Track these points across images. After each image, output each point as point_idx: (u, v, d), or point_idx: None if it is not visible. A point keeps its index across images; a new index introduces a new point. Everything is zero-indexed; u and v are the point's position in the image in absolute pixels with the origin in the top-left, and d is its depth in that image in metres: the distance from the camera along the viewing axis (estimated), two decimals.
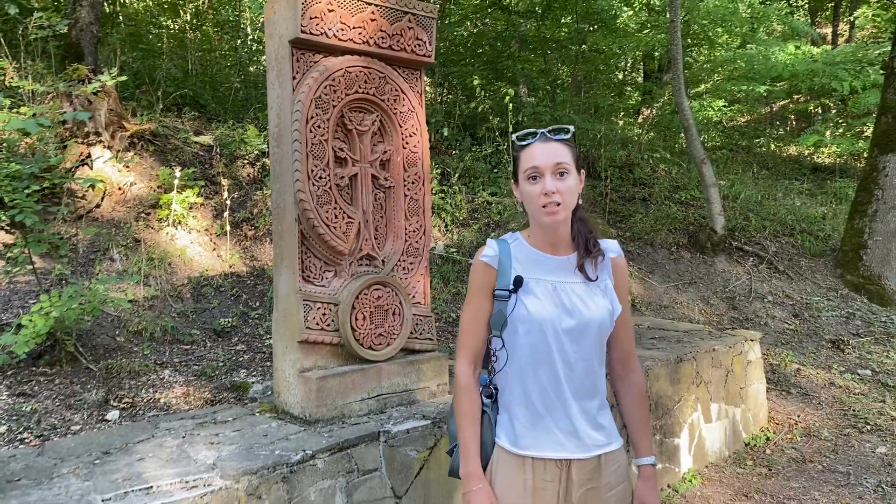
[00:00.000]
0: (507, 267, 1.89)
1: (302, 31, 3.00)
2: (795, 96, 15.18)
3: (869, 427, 4.95)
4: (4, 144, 4.75)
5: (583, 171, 1.89)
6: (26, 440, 3.31)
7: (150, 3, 10.37)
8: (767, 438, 4.91)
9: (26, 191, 4.29)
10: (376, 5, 3.22)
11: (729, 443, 4.76)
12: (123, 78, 5.27)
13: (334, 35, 3.11)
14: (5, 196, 3.96)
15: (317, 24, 3.05)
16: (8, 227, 4.80)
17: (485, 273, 1.92)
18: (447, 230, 6.85)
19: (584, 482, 1.85)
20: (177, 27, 10.52)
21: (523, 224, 1.87)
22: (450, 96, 10.22)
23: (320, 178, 3.11)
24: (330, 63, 3.13)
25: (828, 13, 18.53)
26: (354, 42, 3.18)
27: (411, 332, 3.40)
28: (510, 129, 7.78)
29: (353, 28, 3.17)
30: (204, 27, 10.66)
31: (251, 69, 9.73)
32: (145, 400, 3.86)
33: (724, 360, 4.76)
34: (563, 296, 1.85)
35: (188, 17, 10.76)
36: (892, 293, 7.24)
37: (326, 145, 3.13)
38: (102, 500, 2.29)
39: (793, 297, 7.16)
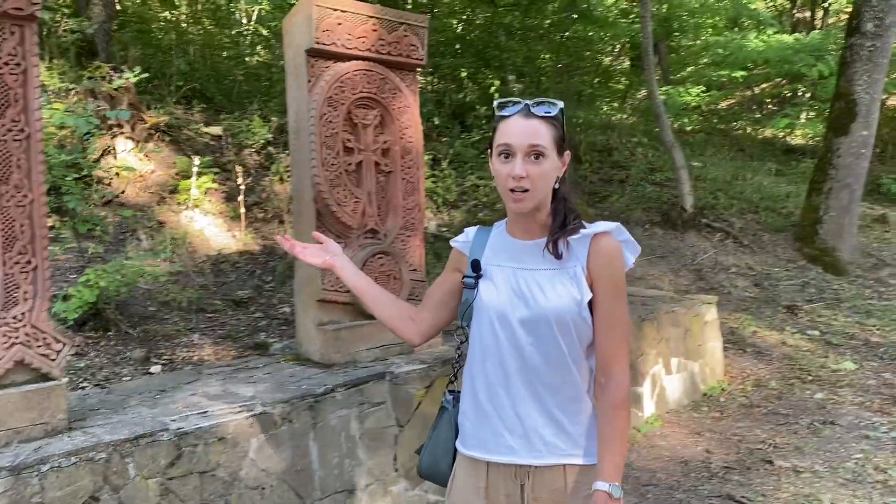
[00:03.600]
0: (479, 253, 1.80)
1: (316, 42, 3.60)
2: (777, 79, 15.86)
3: (811, 378, 5.64)
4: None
5: (568, 152, 1.71)
6: (86, 388, 3.94)
7: None
8: (723, 389, 5.59)
9: (67, 178, 4.90)
10: (377, 18, 3.82)
11: (688, 393, 5.42)
12: (146, 74, 5.85)
13: (342, 44, 3.71)
14: (59, 183, 4.55)
15: (328, 36, 3.65)
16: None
17: (455, 257, 1.92)
18: (439, 211, 7.47)
19: (547, 499, 1.65)
20: (174, 19, 11.04)
21: None
22: (440, 85, 10.80)
23: (332, 164, 3.72)
24: (339, 68, 3.74)
25: None
26: (359, 49, 3.78)
27: (409, 295, 4.03)
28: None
29: (358, 38, 3.77)
30: (201, 19, 11.18)
31: (250, 60, 10.27)
32: (181, 357, 4.49)
33: (683, 320, 5.42)
34: (522, 283, 1.69)
35: (184, 9, 11.26)
36: (845, 264, 7.95)
37: (337, 137, 3.74)
38: (171, 420, 2.92)
39: (755, 268, 7.85)
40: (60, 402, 2.77)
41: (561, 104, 1.68)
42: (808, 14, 18.92)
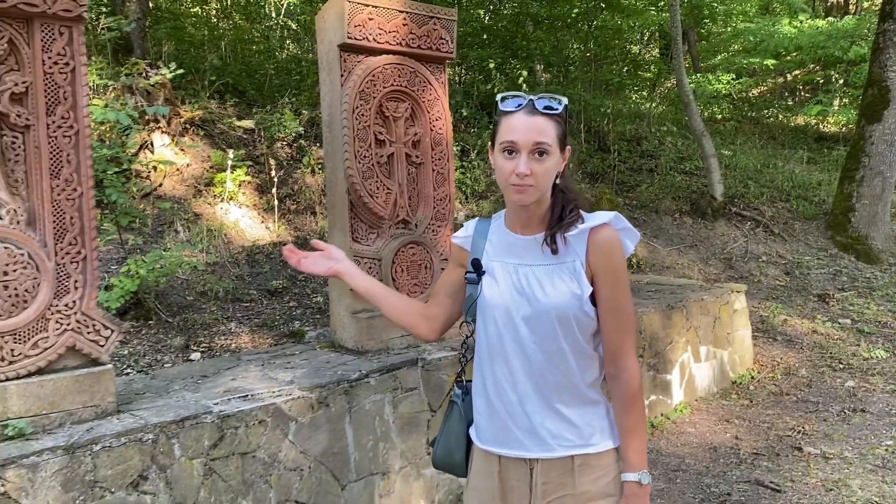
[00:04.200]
0: (480, 248, 1.80)
1: (348, 38, 3.69)
2: (810, 66, 15.64)
3: (842, 366, 5.63)
4: None
5: (568, 147, 1.72)
6: (130, 375, 4.09)
7: None
8: (752, 377, 5.60)
9: (108, 172, 5.05)
10: (407, 13, 3.90)
11: (717, 380, 5.45)
12: (181, 71, 5.99)
13: (374, 39, 3.79)
14: (101, 177, 4.70)
15: (360, 31, 3.74)
16: None
17: (457, 252, 1.91)
18: (467, 201, 7.55)
19: (555, 487, 1.70)
20: (205, 14, 11.22)
21: None
22: (468, 76, 10.85)
23: (364, 157, 3.82)
24: (370, 62, 3.83)
25: None
26: (390, 44, 3.86)
27: None
28: None
29: (389, 32, 3.85)
30: (231, 14, 11.35)
31: (280, 54, 10.41)
32: (219, 345, 4.63)
33: (712, 309, 5.44)
34: (523, 280, 1.70)
35: (214, 5, 11.44)
36: (878, 252, 7.88)
37: (369, 130, 3.83)
38: (213, 404, 3.04)
39: (785, 256, 7.81)
40: (109, 385, 2.90)
41: (565, 100, 1.69)
42: None
